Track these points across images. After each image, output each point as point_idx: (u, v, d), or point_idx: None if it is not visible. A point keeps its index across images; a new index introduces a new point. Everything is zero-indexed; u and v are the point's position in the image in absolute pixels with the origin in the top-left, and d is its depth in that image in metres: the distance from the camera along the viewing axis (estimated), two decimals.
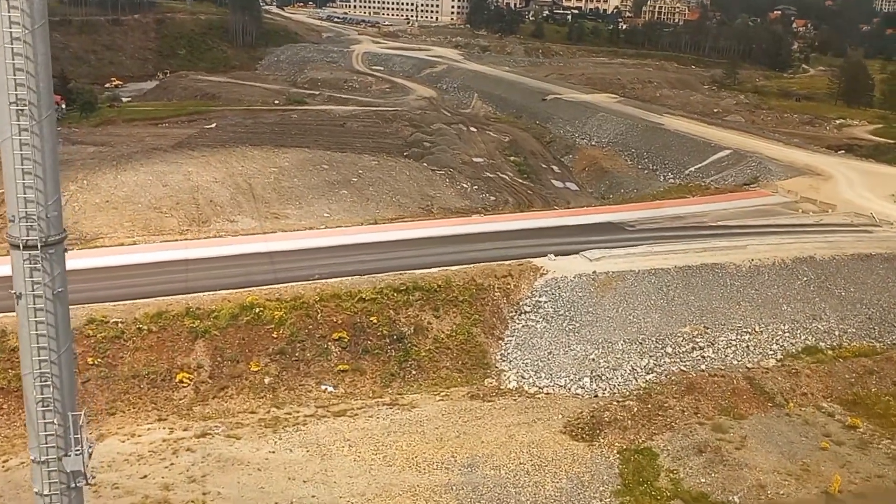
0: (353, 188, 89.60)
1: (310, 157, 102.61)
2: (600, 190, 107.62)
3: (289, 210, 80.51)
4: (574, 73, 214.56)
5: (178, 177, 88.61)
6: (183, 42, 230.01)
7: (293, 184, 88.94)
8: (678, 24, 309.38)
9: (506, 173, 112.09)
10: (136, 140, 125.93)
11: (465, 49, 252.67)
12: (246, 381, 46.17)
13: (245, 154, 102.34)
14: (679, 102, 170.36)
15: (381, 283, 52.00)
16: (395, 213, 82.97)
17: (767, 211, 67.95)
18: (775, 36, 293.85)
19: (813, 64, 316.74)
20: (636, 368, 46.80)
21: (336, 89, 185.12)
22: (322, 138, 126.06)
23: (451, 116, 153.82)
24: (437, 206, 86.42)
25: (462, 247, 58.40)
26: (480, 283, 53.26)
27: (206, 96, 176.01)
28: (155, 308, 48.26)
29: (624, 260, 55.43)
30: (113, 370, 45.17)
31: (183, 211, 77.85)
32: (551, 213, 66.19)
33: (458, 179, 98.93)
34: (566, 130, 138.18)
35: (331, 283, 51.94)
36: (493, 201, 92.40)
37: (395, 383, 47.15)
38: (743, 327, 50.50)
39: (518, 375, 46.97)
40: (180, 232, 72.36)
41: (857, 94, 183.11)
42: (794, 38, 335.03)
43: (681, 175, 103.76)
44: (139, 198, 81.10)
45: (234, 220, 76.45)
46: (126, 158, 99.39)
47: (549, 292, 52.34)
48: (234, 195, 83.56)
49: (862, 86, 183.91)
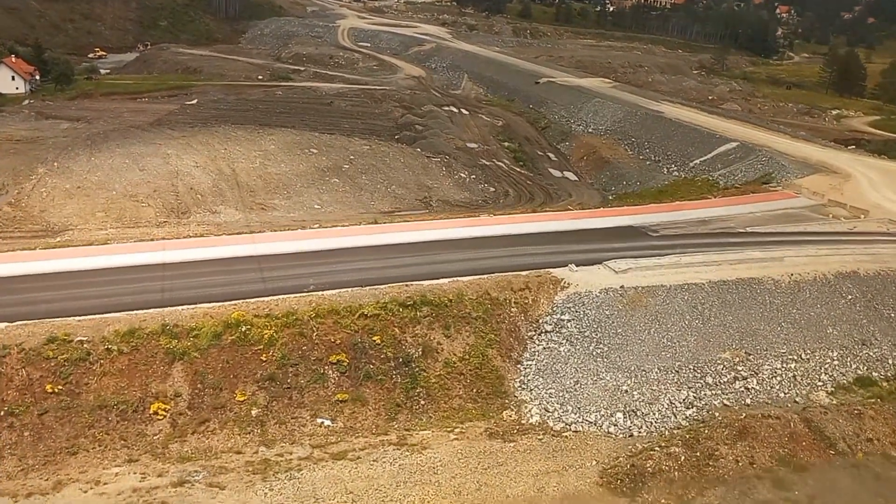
0: (345, 176, 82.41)
1: (297, 140, 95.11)
2: (601, 181, 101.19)
3: (276, 200, 73.31)
4: (563, 55, 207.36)
5: (157, 160, 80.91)
6: (164, 13, 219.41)
7: (280, 170, 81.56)
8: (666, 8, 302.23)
9: (502, 161, 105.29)
10: (114, 115, 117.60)
11: (453, 27, 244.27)
12: (230, 412, 39.30)
13: (228, 135, 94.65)
14: (672, 88, 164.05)
15: (385, 297, 45.15)
16: (390, 206, 76.09)
17: (796, 216, 61.73)
18: (762, 22, 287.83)
19: (797, 51, 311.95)
20: (674, 402, 40.50)
21: (322, 65, 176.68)
22: (309, 118, 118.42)
23: (442, 98, 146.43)
24: (436, 197, 79.60)
25: (472, 253, 51.61)
26: (495, 296, 46.59)
27: (187, 70, 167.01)
28: (126, 324, 41.13)
29: (653, 273, 48.96)
30: (76, 399, 38.13)
31: (161, 199, 70.44)
32: (566, 215, 59.52)
33: (455, 168, 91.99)
34: (561, 116, 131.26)
35: (327, 295, 45.00)
36: (492, 193, 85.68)
37: (402, 416, 40.48)
38: (787, 354, 44.33)
39: (541, 408, 40.48)
40: (157, 224, 65.04)
41: (849, 84, 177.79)
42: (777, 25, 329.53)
43: (685, 168, 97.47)
44: (114, 183, 73.44)
45: (217, 211, 69.27)
46: (101, 138, 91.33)
47: (572, 309, 45.82)
48: (216, 182, 76.10)
49: (854, 75, 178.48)
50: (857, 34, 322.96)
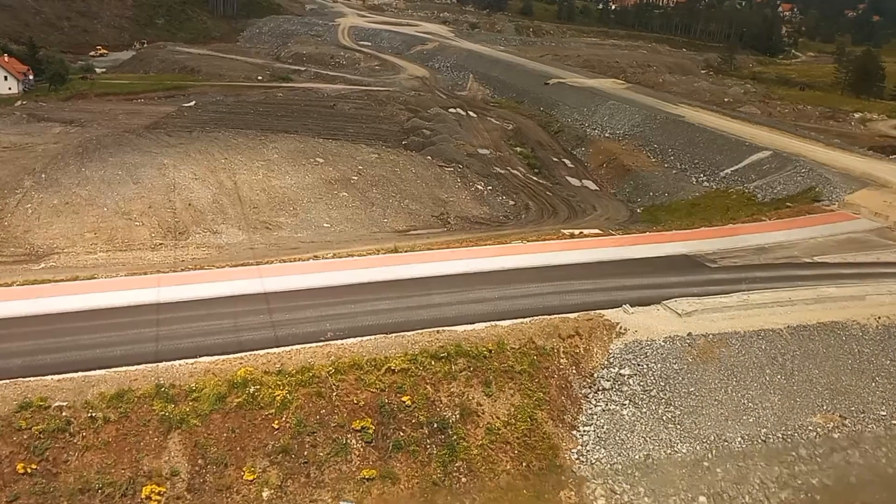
0: (354, 189, 75.36)
1: (301, 148, 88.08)
2: (624, 191, 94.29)
3: (281, 218, 66.27)
4: (569, 53, 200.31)
5: (152, 171, 73.81)
6: (161, 11, 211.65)
7: (285, 182, 74.47)
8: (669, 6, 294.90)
9: (517, 168, 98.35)
10: (108, 118, 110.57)
11: (454, 25, 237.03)
12: (238, 494, 32.34)
13: (228, 142, 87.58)
14: (684, 90, 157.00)
15: (414, 346, 38.23)
16: (405, 223, 69.13)
17: (862, 241, 54.86)
18: (767, 20, 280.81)
19: (801, 49, 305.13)
20: (766, 482, 33.65)
21: (322, 65, 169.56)
22: (311, 122, 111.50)
23: (448, 99, 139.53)
24: (454, 214, 72.61)
25: (508, 289, 44.62)
26: (541, 345, 39.70)
27: (184, 69, 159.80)
28: (114, 385, 34.13)
29: (721, 316, 42.11)
30: (53, 481, 31.16)
31: (156, 217, 63.33)
32: (608, 241, 52.53)
33: (470, 178, 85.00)
34: (574, 119, 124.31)
35: (348, 345, 38.05)
36: (512, 207, 78.73)
37: (441, 498, 33.58)
38: (889, 417, 37.58)
39: (607, 489, 33.59)
40: (152, 247, 58.01)
41: (867, 85, 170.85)
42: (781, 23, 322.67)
43: (715, 178, 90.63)
44: (105, 198, 66.36)
45: (218, 231, 62.18)
46: (94, 145, 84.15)
47: (632, 361, 38.97)
48: (216, 196, 69.02)
49: (872, 76, 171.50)
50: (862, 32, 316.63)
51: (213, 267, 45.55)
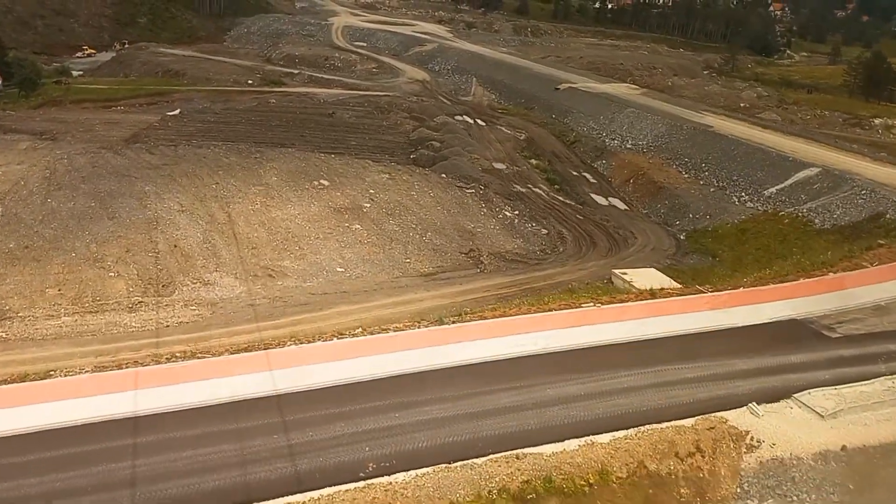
0: (368, 220, 64.20)
1: (302, 167, 76.88)
2: (658, 212, 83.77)
3: (286, 261, 54.94)
4: (571, 55, 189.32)
5: (131, 201, 62.39)
6: (144, 9, 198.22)
7: (287, 213, 63.22)
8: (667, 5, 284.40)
9: (538, 186, 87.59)
10: (84, 129, 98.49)
11: (451, 25, 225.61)
12: None
13: (219, 161, 76.20)
14: (696, 94, 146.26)
15: (489, 483, 27.31)
16: (430, 263, 58.07)
17: None
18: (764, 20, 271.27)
19: (795, 49, 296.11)
20: None
21: (316, 68, 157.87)
22: (309, 133, 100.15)
23: (452, 106, 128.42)
24: (485, 249, 61.60)
25: (596, 380, 33.69)
26: (654, 470, 28.95)
27: (168, 73, 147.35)
28: None
29: (874, 415, 31.64)
30: None
31: (135, 265, 51.82)
32: (695, 301, 41.57)
33: (495, 202, 74.10)
34: (590, 128, 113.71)
35: (398, 484, 27.03)
36: (546, 237, 67.88)
37: None
38: None
39: None
40: (130, 306, 46.56)
41: (878, 88, 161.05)
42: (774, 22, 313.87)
43: (760, 198, 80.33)
44: (74, 240, 54.76)
45: (210, 282, 50.82)
46: (65, 166, 72.50)
47: (776, 490, 28.37)
48: (207, 234, 57.58)
49: (884, 78, 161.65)
50: (852, 32, 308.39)
51: (206, 354, 34.21)
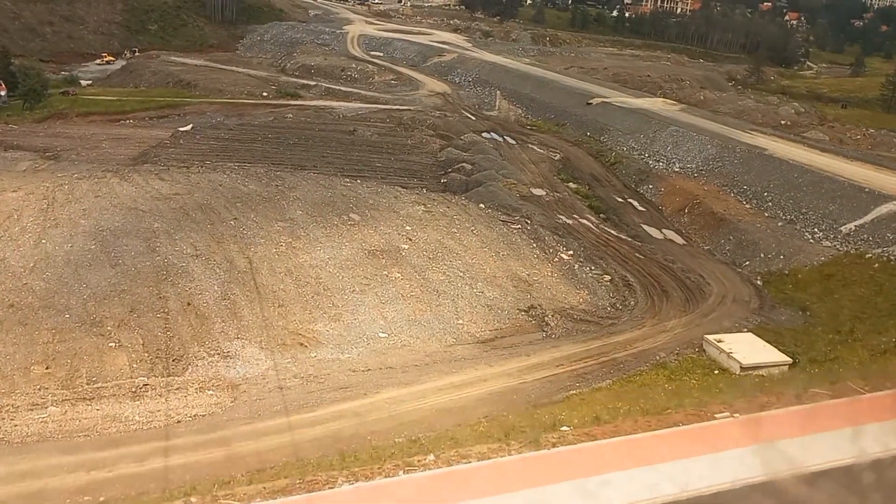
0: (408, 266, 54.63)
1: (328, 197, 67.50)
2: (723, 248, 73.88)
3: (319, 324, 45.33)
4: (594, 66, 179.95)
5: (137, 243, 52.84)
6: (154, 16, 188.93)
7: (316, 258, 53.70)
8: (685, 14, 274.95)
9: (585, 217, 77.98)
10: (90, 146, 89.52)
11: (467, 33, 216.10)
12: None
13: (237, 191, 66.82)
14: (732, 109, 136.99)
15: None
16: (486, 324, 48.50)
17: None
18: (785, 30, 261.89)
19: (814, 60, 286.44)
20: None
21: (333, 79, 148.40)
22: (330, 152, 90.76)
23: (478, 121, 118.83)
24: (547, 306, 51.82)
25: None
26: None
27: (179, 83, 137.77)
28: None
29: None
30: None
31: (141, 330, 42.28)
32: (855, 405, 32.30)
33: (547, 241, 64.49)
34: (630, 148, 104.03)
35: None
36: (610, 285, 58.17)
37: None
38: None
39: None
40: (132, 390, 37.22)
41: None
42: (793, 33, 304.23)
43: (836, 235, 70.54)
44: (69, 296, 45.21)
45: (230, 354, 41.21)
46: (64, 195, 63.25)
47: None
48: (226, 287, 48.03)
49: None
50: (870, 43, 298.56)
51: (230, 499, 24.78)
